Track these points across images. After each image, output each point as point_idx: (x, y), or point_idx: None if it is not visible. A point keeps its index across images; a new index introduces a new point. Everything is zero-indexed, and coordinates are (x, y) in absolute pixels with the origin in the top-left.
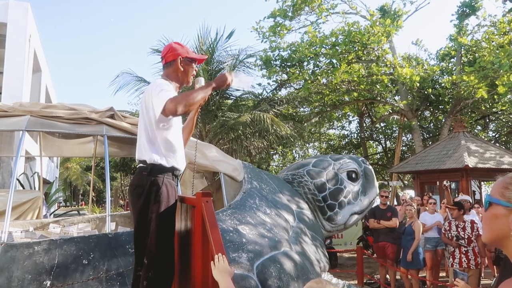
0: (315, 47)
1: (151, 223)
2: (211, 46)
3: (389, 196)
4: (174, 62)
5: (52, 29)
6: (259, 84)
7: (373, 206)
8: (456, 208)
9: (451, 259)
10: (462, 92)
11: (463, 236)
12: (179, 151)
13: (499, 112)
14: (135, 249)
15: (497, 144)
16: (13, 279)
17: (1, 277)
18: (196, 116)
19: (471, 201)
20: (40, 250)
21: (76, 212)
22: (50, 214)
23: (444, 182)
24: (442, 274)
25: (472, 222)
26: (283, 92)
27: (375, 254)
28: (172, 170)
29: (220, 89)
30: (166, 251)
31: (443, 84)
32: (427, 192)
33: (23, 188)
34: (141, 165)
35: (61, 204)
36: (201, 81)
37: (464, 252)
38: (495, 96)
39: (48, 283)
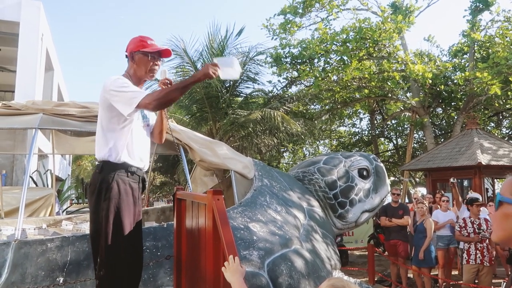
0: (325, 44)
1: (102, 221)
2: (221, 43)
3: (401, 194)
4: (129, 57)
5: (62, 26)
6: (269, 82)
7: (384, 204)
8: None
9: (465, 255)
10: (475, 88)
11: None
12: (136, 148)
13: None
14: (92, 249)
15: (511, 141)
16: (27, 276)
17: (15, 273)
18: (163, 112)
19: (480, 199)
20: (53, 247)
21: (88, 209)
22: (63, 211)
23: (451, 180)
24: (455, 272)
25: (486, 220)
26: (294, 89)
27: (386, 252)
28: (126, 167)
29: (206, 79)
30: (116, 249)
31: (455, 81)
32: (439, 189)
33: (36, 185)
34: (96, 163)
35: (73, 201)
36: (164, 72)
37: (479, 248)
38: (509, 93)
39: (61, 279)
